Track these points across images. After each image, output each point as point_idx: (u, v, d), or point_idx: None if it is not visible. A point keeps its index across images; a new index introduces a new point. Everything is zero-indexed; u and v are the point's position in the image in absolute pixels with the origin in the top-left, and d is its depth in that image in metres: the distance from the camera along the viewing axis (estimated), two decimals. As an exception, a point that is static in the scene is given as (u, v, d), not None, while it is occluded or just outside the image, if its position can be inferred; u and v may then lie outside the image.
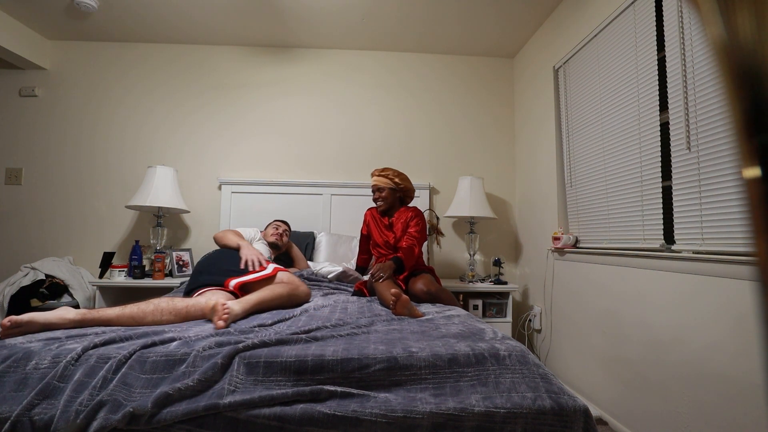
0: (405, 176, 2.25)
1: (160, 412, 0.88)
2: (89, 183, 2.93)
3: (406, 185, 2.24)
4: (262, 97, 3.06)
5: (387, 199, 2.21)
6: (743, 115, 0.21)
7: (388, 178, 2.19)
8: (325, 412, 0.90)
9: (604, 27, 1.99)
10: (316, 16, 2.66)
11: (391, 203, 2.23)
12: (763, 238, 0.21)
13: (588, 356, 2.07)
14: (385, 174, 2.20)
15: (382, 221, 2.27)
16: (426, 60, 3.17)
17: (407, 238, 2.13)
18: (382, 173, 2.21)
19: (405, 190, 2.25)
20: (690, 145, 1.45)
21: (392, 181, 2.19)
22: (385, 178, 2.20)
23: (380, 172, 2.22)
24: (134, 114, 2.99)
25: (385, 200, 2.21)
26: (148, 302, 1.40)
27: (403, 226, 2.19)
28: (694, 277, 1.41)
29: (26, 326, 1.18)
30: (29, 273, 2.44)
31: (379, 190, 2.22)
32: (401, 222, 2.19)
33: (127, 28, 2.82)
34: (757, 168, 0.21)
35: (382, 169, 2.24)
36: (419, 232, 2.15)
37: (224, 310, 1.33)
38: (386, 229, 2.26)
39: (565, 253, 2.31)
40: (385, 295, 1.75)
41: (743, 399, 1.21)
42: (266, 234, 2.41)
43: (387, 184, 2.19)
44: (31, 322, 1.19)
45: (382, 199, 2.21)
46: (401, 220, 2.20)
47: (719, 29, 0.21)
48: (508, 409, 0.93)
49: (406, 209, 2.24)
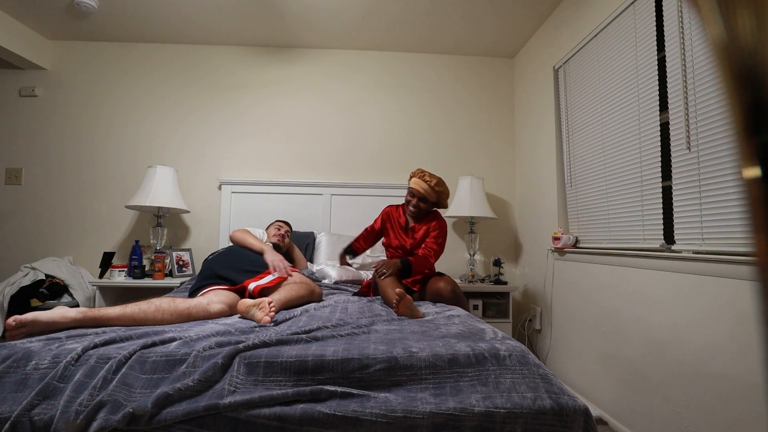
0: (443, 183, 2.08)
1: (160, 413, 0.88)
2: (89, 183, 2.93)
3: (442, 196, 2.09)
4: (262, 97, 3.06)
5: (422, 209, 2.08)
6: (743, 115, 0.21)
7: (428, 185, 2.03)
8: (326, 412, 0.90)
9: (604, 27, 1.99)
10: (316, 17, 2.66)
11: (424, 213, 2.12)
12: (763, 238, 0.21)
13: (588, 356, 2.07)
14: (422, 177, 2.04)
15: (399, 222, 2.19)
16: (426, 60, 3.17)
17: (425, 248, 2.05)
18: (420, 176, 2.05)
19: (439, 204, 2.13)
20: (690, 145, 1.44)
21: (432, 190, 2.04)
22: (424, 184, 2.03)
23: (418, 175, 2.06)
24: (134, 114, 2.99)
25: (419, 210, 2.08)
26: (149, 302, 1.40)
27: (423, 234, 2.10)
28: (694, 276, 1.41)
29: (30, 325, 1.19)
30: (29, 273, 2.44)
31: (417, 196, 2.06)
32: (422, 230, 2.11)
33: (127, 28, 2.82)
34: (757, 168, 0.21)
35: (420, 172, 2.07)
36: (439, 245, 2.07)
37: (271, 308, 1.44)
38: (403, 231, 2.17)
39: (565, 253, 2.31)
40: (388, 293, 1.74)
41: (743, 399, 1.21)
42: (268, 234, 2.41)
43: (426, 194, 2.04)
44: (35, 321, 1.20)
45: (416, 207, 2.07)
46: (423, 228, 2.11)
47: (719, 29, 0.21)
48: (508, 409, 0.93)
49: (432, 217, 2.14)
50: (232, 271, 1.80)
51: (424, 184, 2.03)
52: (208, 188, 2.98)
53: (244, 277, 1.76)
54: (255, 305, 1.45)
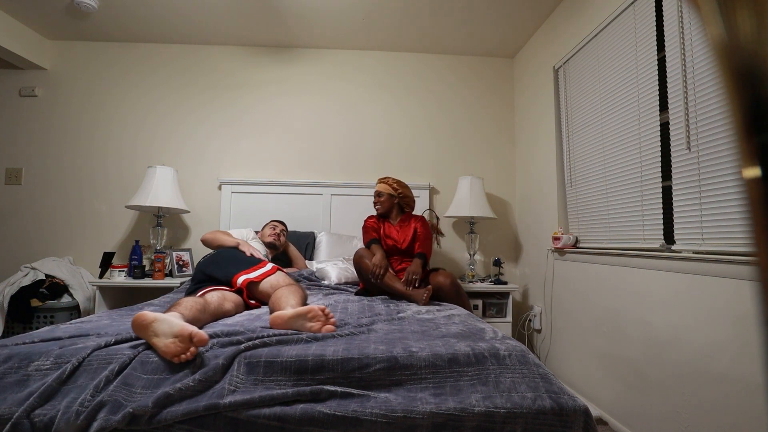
0: (404, 184, 2.42)
1: (160, 412, 0.88)
2: (89, 183, 2.93)
3: (405, 192, 2.40)
4: (262, 96, 3.06)
5: (384, 204, 2.36)
6: (743, 115, 0.21)
7: (388, 184, 2.38)
8: (326, 412, 0.90)
9: (604, 27, 1.99)
10: (316, 17, 2.66)
11: (388, 208, 2.37)
12: (763, 238, 0.21)
13: (588, 356, 2.07)
14: (385, 181, 2.40)
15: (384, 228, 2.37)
16: (426, 60, 3.17)
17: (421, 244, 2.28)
18: (383, 180, 2.41)
19: (403, 197, 2.40)
20: (690, 145, 1.45)
21: (391, 187, 2.37)
22: (385, 185, 2.38)
23: (381, 180, 2.42)
24: (134, 114, 2.99)
25: (382, 204, 2.37)
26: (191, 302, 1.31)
27: (413, 233, 2.34)
28: (694, 277, 1.41)
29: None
30: (29, 273, 2.44)
31: (379, 195, 2.38)
32: (411, 229, 2.35)
33: (127, 28, 2.82)
34: (757, 168, 0.21)
35: (383, 178, 2.43)
36: (427, 237, 2.31)
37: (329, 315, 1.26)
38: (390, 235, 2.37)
39: (565, 253, 2.31)
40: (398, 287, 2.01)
41: (743, 399, 1.21)
42: (263, 234, 2.41)
43: (386, 190, 2.36)
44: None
45: (380, 203, 2.37)
46: (410, 227, 2.35)
47: (719, 29, 0.21)
48: (508, 409, 0.93)
49: (414, 219, 2.38)
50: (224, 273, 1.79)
51: (385, 185, 2.38)
52: (208, 188, 2.98)
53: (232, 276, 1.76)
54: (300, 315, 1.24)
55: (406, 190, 2.42)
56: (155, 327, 1.05)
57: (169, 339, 1.02)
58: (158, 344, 1.03)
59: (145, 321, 1.07)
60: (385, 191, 2.36)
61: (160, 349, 1.02)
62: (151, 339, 1.05)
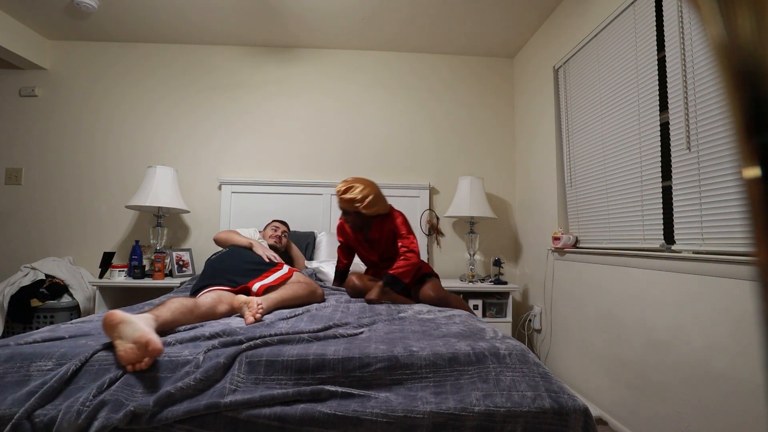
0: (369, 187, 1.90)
1: (161, 411, 0.88)
2: (89, 183, 2.93)
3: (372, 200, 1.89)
4: (262, 96, 3.06)
5: (355, 222, 1.97)
6: (743, 115, 0.21)
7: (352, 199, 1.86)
8: (326, 412, 0.90)
9: (604, 27, 2.00)
10: (316, 17, 2.66)
11: (360, 227, 2.00)
12: (763, 238, 0.21)
13: (588, 356, 2.08)
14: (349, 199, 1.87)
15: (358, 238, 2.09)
16: (426, 60, 3.17)
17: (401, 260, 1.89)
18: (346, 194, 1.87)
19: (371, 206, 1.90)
20: (690, 145, 1.45)
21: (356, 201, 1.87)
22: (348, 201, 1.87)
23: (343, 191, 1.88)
24: (134, 114, 2.99)
25: (353, 223, 1.98)
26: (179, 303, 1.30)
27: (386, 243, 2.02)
28: (694, 277, 1.41)
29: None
30: (29, 273, 2.45)
31: (345, 213, 1.95)
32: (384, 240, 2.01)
33: (127, 28, 2.82)
34: (757, 168, 0.21)
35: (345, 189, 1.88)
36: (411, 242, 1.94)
37: (258, 308, 1.42)
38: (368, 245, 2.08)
39: (565, 253, 2.31)
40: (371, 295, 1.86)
41: (743, 399, 1.21)
42: (265, 235, 2.41)
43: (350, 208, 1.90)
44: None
45: (350, 222, 1.98)
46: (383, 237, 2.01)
47: (719, 29, 0.21)
48: (508, 409, 0.93)
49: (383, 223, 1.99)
50: (236, 271, 1.79)
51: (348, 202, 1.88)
52: (208, 188, 2.98)
53: (247, 278, 1.76)
54: (245, 303, 1.46)
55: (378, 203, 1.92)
56: (121, 329, 0.99)
57: (129, 344, 0.97)
58: (119, 348, 0.98)
59: (113, 321, 1.01)
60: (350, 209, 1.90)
61: (119, 353, 0.97)
62: (115, 341, 1.00)
